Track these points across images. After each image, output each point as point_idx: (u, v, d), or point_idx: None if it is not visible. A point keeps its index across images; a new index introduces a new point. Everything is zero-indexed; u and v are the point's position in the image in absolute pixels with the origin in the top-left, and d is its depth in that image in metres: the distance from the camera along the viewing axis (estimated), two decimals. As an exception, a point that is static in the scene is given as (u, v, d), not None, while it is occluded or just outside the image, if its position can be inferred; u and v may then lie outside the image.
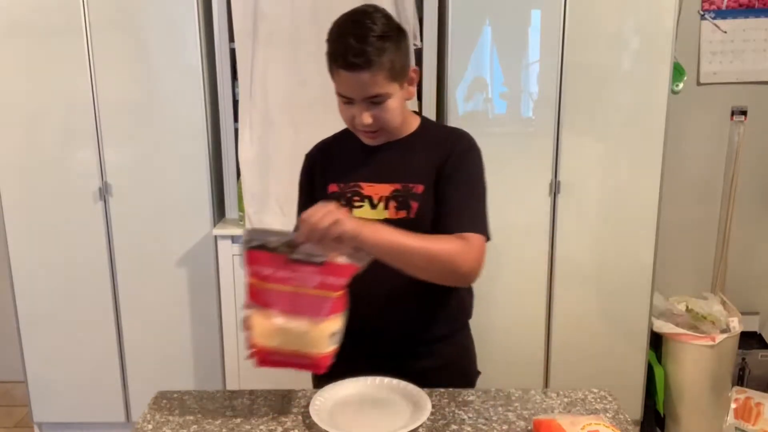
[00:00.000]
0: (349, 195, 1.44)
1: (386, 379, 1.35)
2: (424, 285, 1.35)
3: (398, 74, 1.37)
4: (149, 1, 2.38)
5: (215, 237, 2.51)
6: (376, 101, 1.35)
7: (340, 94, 1.38)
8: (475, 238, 1.35)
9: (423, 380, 1.35)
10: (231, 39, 2.43)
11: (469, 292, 1.55)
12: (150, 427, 1.27)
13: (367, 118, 1.36)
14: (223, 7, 2.41)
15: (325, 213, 1.20)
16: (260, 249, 1.21)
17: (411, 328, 1.46)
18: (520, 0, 2.36)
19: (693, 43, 2.78)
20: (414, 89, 1.45)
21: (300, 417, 1.29)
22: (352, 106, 1.37)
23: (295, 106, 2.43)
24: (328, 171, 1.50)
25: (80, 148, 2.48)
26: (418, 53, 2.44)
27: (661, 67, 2.38)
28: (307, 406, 1.28)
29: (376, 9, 1.36)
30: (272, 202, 2.48)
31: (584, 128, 2.43)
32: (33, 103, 2.45)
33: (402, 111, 1.42)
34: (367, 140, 1.44)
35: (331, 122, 2.43)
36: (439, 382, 1.39)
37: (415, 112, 1.52)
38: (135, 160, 2.50)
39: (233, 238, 2.50)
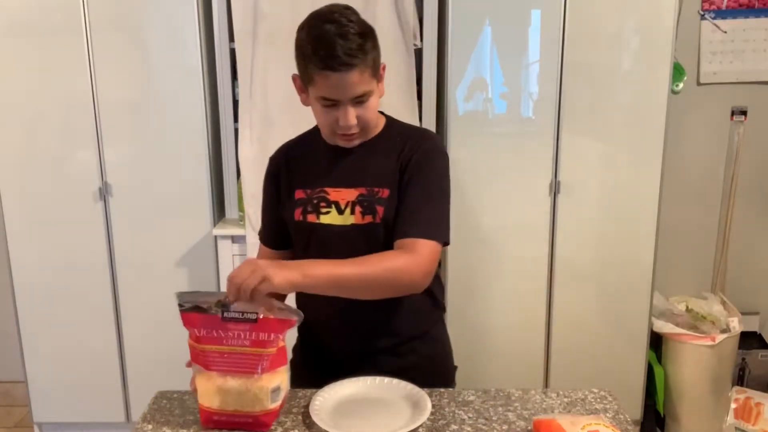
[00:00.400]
0: (315, 201, 1.42)
1: (386, 379, 1.35)
2: None
3: (376, 71, 1.36)
4: (149, 1, 2.38)
5: (215, 237, 2.52)
6: (361, 100, 1.33)
7: (323, 98, 1.33)
8: (423, 245, 1.31)
9: (401, 378, 1.35)
10: (231, 39, 2.43)
11: (438, 286, 1.52)
12: (150, 427, 1.27)
13: (353, 119, 1.33)
14: (223, 7, 2.41)
15: (251, 272, 1.18)
16: (194, 311, 1.21)
17: (384, 326, 1.45)
18: (520, 0, 2.36)
19: (693, 43, 2.78)
20: (383, 86, 1.41)
21: (300, 417, 1.28)
22: (335, 109, 1.33)
23: (295, 106, 2.40)
24: (294, 176, 1.47)
25: (80, 148, 2.48)
26: (418, 53, 2.44)
27: (661, 67, 2.38)
28: (307, 406, 1.28)
29: (345, 7, 1.33)
30: (272, 202, 2.47)
31: (584, 128, 2.43)
32: (33, 103, 2.45)
33: (377, 112, 1.41)
34: (344, 143, 1.40)
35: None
36: (417, 379, 1.36)
37: (380, 112, 1.47)
38: (135, 160, 2.50)
39: (233, 238, 2.50)
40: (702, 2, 2.75)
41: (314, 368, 1.48)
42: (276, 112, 2.43)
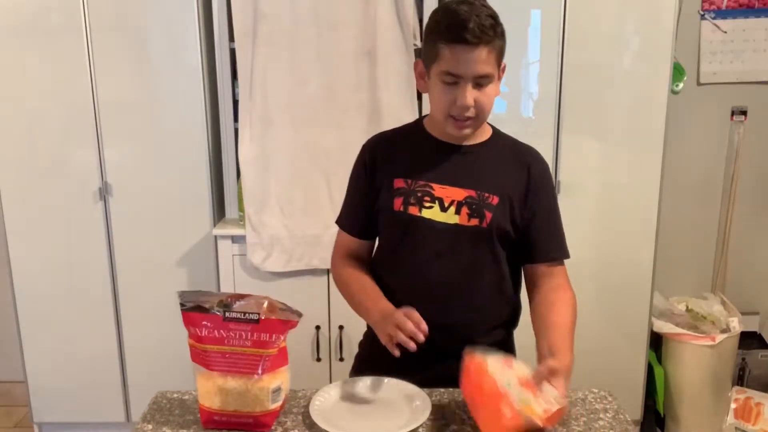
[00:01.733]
0: (419, 194, 1.40)
1: (386, 379, 1.35)
2: (480, 287, 1.42)
3: (501, 59, 1.36)
4: (149, 1, 2.38)
5: (215, 237, 2.51)
6: (482, 82, 1.33)
7: (446, 73, 1.32)
8: (563, 269, 1.48)
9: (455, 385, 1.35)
10: (231, 39, 2.43)
11: (519, 302, 1.55)
12: (150, 427, 1.27)
13: (470, 99, 1.32)
14: (223, 7, 2.41)
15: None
16: (195, 310, 1.22)
17: (468, 331, 1.44)
18: (520, 0, 2.36)
19: (693, 43, 2.78)
20: (499, 88, 1.41)
21: (300, 417, 1.28)
22: (455, 88, 1.32)
23: (295, 106, 2.43)
24: (393, 164, 1.45)
25: (80, 148, 2.48)
26: (418, 53, 2.43)
27: (661, 67, 2.38)
28: (307, 406, 1.28)
29: None
30: (272, 202, 2.47)
31: (584, 128, 2.43)
32: (33, 103, 2.45)
33: (492, 106, 1.39)
34: (455, 130, 1.38)
35: (331, 122, 2.45)
36: None
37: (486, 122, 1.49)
38: (135, 160, 2.50)
39: (233, 238, 2.50)
40: (702, 2, 2.75)
41: (377, 367, 1.43)
42: (276, 112, 2.44)
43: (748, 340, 2.81)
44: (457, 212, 1.39)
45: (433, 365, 1.38)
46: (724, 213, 2.90)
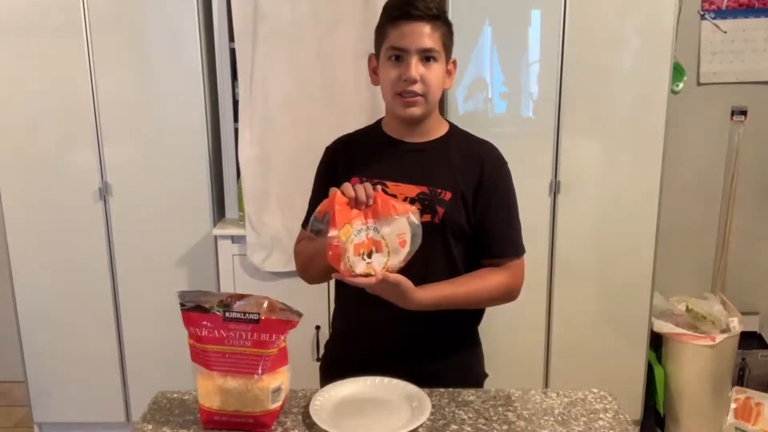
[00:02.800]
0: None
1: (386, 379, 1.35)
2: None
3: (447, 48, 1.41)
4: (149, 1, 2.38)
5: (215, 237, 2.52)
6: (428, 56, 1.37)
7: (391, 48, 1.38)
8: (517, 264, 1.48)
9: (434, 382, 1.36)
10: (231, 39, 2.43)
11: None
12: (150, 427, 1.27)
13: (416, 73, 1.36)
14: (223, 7, 2.41)
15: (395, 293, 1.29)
16: (195, 310, 1.22)
17: (426, 329, 1.45)
18: (520, 0, 2.36)
19: (693, 43, 2.78)
20: (450, 83, 1.48)
21: (300, 417, 1.28)
22: (400, 64, 1.38)
23: (295, 106, 2.43)
24: (351, 164, 1.48)
25: (80, 148, 2.48)
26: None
27: (661, 67, 2.38)
28: (307, 406, 1.28)
29: None
30: (272, 202, 2.48)
31: (584, 128, 2.43)
32: (33, 103, 2.45)
33: (441, 88, 1.43)
34: (403, 110, 1.41)
35: (331, 122, 2.45)
36: (450, 383, 1.38)
37: (444, 119, 1.52)
38: (135, 160, 2.50)
39: (233, 238, 2.50)
40: (702, 2, 2.75)
41: (345, 367, 1.45)
42: (276, 112, 2.44)
43: (748, 340, 2.81)
44: None
45: (400, 365, 1.38)
46: (724, 213, 2.90)
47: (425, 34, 1.36)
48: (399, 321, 1.42)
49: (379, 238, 1.27)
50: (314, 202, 1.53)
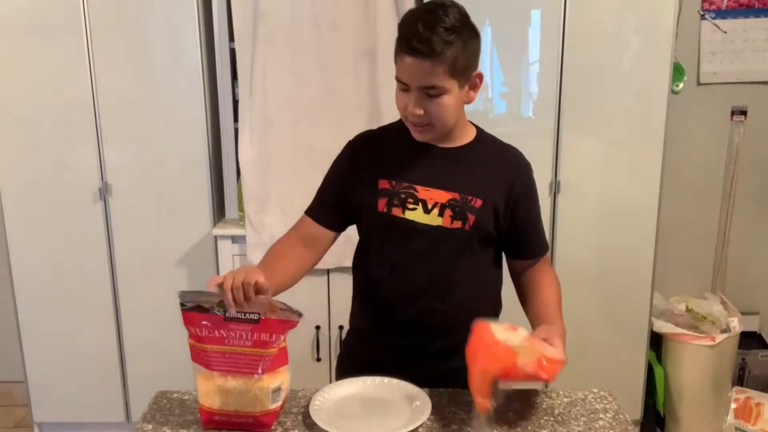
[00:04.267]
0: (402, 195, 1.41)
1: (386, 379, 1.35)
2: (461, 289, 1.42)
3: (459, 72, 1.33)
4: (149, 1, 2.38)
5: (215, 237, 2.52)
6: (431, 93, 1.33)
7: (398, 80, 1.36)
8: (547, 258, 1.56)
9: (450, 380, 1.36)
10: (231, 39, 2.43)
11: (499, 300, 1.56)
12: (150, 427, 1.27)
13: (418, 110, 1.34)
14: (223, 7, 2.41)
15: None
16: (196, 310, 1.22)
17: (443, 329, 1.45)
18: (520, 0, 2.36)
19: (693, 43, 2.78)
20: (475, 95, 1.42)
21: (300, 417, 1.28)
22: (408, 94, 1.35)
23: (295, 106, 2.43)
24: (377, 164, 1.46)
25: (80, 148, 2.48)
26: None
27: (661, 67, 2.38)
28: (307, 406, 1.28)
29: (453, 3, 1.35)
30: (272, 202, 2.48)
31: (584, 128, 2.43)
32: (33, 103, 2.45)
33: (456, 112, 1.39)
34: (415, 134, 1.41)
35: (331, 122, 2.45)
36: (466, 381, 1.38)
37: (470, 122, 1.50)
38: (135, 160, 2.50)
39: (233, 238, 2.50)
40: (702, 2, 2.75)
41: (361, 365, 1.46)
42: (276, 112, 2.44)
43: (748, 340, 2.81)
44: (441, 214, 1.40)
45: (415, 364, 1.39)
46: (724, 213, 2.90)
47: (425, 72, 1.30)
48: (419, 323, 1.43)
49: None
50: (323, 193, 1.54)
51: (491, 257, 1.49)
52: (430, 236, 1.40)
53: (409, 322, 1.43)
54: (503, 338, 1.20)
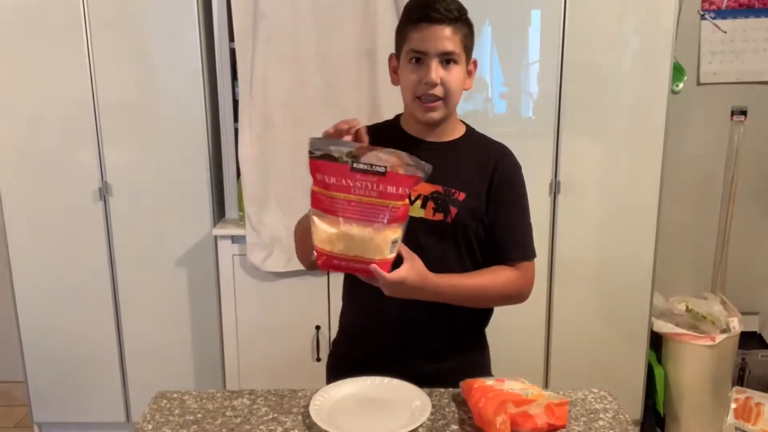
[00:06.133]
0: None
1: (386, 379, 1.35)
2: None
3: (468, 50, 1.39)
4: (149, 1, 2.38)
5: (215, 237, 2.51)
6: (448, 59, 1.36)
7: (412, 51, 1.37)
8: (528, 266, 1.47)
9: (438, 383, 1.37)
10: (231, 39, 2.43)
11: None
12: (150, 427, 1.27)
13: (436, 75, 1.35)
14: (223, 7, 2.41)
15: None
16: (324, 158, 1.22)
17: (433, 329, 1.46)
18: (520, 0, 2.36)
19: (693, 43, 2.78)
20: (471, 83, 1.45)
21: (300, 417, 1.29)
22: (421, 66, 1.36)
23: (295, 106, 2.43)
24: None
25: (80, 148, 2.48)
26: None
27: (661, 67, 2.38)
28: (307, 406, 1.28)
29: None
30: (272, 202, 2.48)
31: (584, 128, 2.43)
32: (33, 103, 2.45)
33: (460, 92, 1.42)
34: (423, 113, 1.41)
35: (331, 122, 2.44)
36: (455, 385, 1.38)
37: (462, 121, 1.52)
38: (135, 160, 2.50)
39: (233, 238, 2.50)
40: (702, 2, 2.75)
41: (351, 365, 1.46)
42: (276, 112, 2.44)
43: (748, 340, 2.81)
44: (423, 206, 1.41)
45: (403, 364, 1.39)
46: (724, 213, 2.90)
47: (446, 37, 1.34)
48: (406, 320, 1.43)
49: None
50: None
51: (476, 252, 1.48)
52: (412, 227, 1.38)
53: (393, 316, 1.42)
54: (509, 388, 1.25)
